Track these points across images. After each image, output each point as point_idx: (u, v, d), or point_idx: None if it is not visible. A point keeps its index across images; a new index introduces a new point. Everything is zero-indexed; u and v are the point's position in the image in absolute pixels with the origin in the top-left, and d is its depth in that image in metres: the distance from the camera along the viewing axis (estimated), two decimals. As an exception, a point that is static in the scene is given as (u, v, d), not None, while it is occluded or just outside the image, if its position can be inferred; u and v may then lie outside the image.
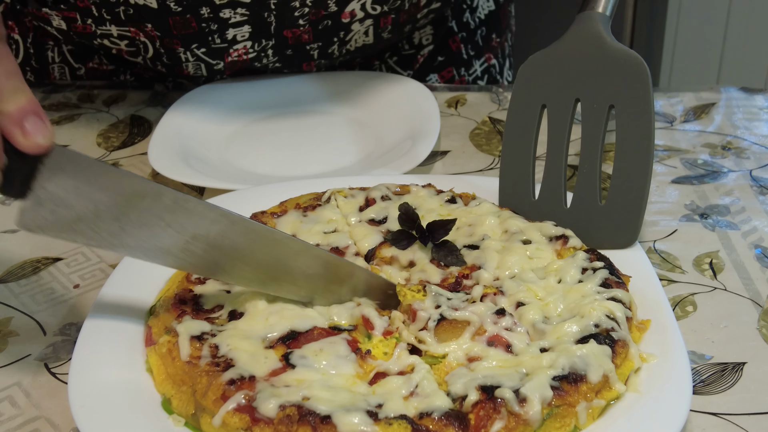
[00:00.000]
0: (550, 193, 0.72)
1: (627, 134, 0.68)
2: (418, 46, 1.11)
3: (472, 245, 0.69)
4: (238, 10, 0.91)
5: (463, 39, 1.14)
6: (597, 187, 0.70)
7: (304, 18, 0.93)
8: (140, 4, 0.90)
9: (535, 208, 0.72)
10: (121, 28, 0.93)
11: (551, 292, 0.63)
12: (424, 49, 1.11)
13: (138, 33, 0.93)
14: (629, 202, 0.69)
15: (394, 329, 0.62)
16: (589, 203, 0.70)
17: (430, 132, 0.91)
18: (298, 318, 0.62)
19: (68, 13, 0.93)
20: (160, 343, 0.61)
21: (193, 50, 0.96)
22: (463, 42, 1.14)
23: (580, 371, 0.55)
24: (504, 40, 1.21)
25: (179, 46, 0.95)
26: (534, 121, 0.72)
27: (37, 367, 0.65)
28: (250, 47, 0.96)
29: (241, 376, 0.57)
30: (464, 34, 1.14)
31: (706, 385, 0.62)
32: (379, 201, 0.76)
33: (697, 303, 0.70)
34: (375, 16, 0.97)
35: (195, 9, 0.91)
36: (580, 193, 0.71)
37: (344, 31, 0.97)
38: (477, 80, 1.18)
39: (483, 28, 1.16)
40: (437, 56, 1.13)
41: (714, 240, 0.78)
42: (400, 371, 0.58)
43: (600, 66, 0.70)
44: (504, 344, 0.59)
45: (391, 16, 0.98)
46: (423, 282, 0.67)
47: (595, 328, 0.58)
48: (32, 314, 0.71)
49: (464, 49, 1.14)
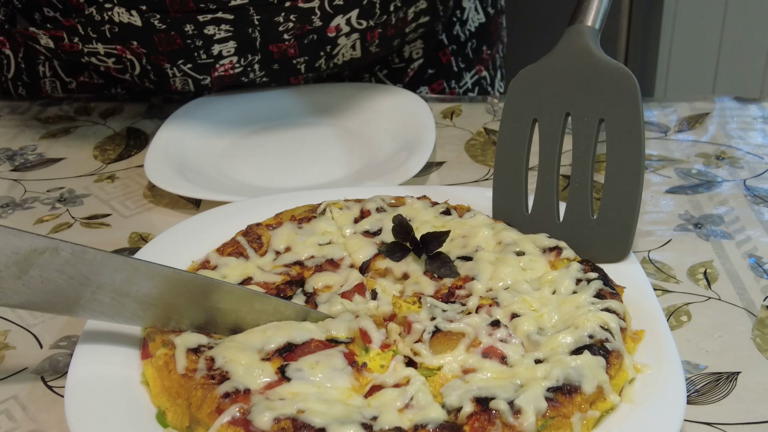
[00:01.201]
0: (542, 207, 0.73)
1: (617, 148, 0.69)
2: (408, 59, 1.12)
3: (465, 257, 0.70)
4: (222, 26, 0.92)
5: (453, 52, 1.15)
6: (589, 200, 0.71)
7: (289, 33, 0.94)
8: (125, 22, 0.90)
9: (528, 222, 0.73)
10: (108, 46, 0.94)
11: (545, 303, 0.64)
12: (414, 62, 1.11)
13: (124, 51, 0.94)
14: (621, 215, 0.69)
15: (391, 342, 0.62)
16: (582, 217, 0.71)
17: (425, 143, 0.92)
18: (296, 330, 0.62)
19: (55, 32, 0.94)
20: (157, 356, 0.62)
21: (179, 66, 0.96)
22: (453, 55, 1.15)
23: (575, 382, 0.55)
24: (495, 52, 1.21)
25: (165, 63, 0.95)
26: (525, 135, 0.73)
27: (33, 381, 0.65)
28: (237, 62, 0.96)
29: (236, 389, 0.57)
30: (454, 46, 1.15)
31: (701, 395, 0.62)
32: (374, 213, 0.76)
33: (692, 313, 0.70)
34: (361, 31, 0.98)
35: (179, 26, 0.91)
36: (573, 206, 0.71)
37: (330, 45, 0.98)
38: (468, 92, 1.19)
39: (473, 41, 1.16)
40: (428, 69, 1.14)
41: (708, 250, 0.78)
42: (395, 384, 0.58)
43: (589, 80, 0.70)
44: (499, 356, 0.59)
45: (378, 30, 0.99)
46: (417, 294, 0.67)
47: (589, 339, 0.59)
48: (29, 327, 0.71)
49: (454, 61, 1.15)
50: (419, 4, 1.01)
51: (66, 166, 0.97)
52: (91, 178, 0.94)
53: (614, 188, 0.69)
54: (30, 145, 1.02)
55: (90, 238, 0.83)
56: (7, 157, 0.99)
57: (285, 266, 0.71)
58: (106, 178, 0.94)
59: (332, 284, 0.68)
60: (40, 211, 0.88)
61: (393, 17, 0.98)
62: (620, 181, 0.69)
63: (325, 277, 0.69)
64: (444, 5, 1.06)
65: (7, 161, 0.99)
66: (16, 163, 0.98)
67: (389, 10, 0.97)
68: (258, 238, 0.74)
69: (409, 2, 1.00)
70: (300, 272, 0.70)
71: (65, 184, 0.93)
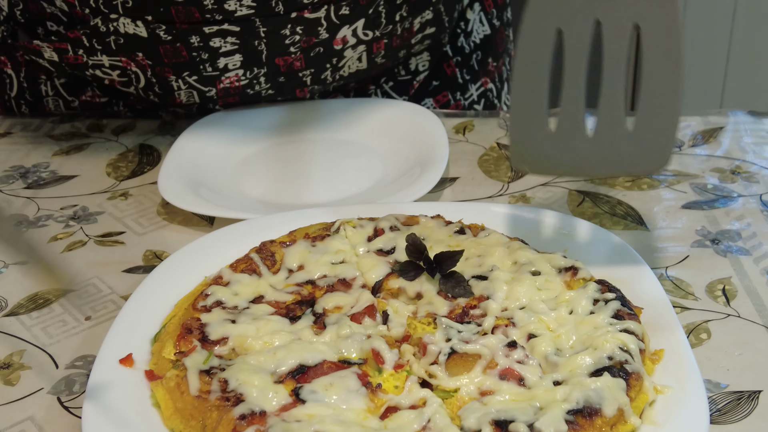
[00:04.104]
0: (569, 123, 0.66)
1: (654, 55, 0.63)
2: (414, 71, 1.11)
3: (480, 276, 0.69)
4: (228, 38, 0.92)
5: (458, 63, 1.14)
6: (622, 111, 0.65)
7: (295, 45, 0.94)
8: (130, 33, 0.90)
9: (551, 140, 0.66)
10: (113, 58, 0.94)
11: (563, 324, 0.63)
12: (420, 75, 1.11)
13: (129, 63, 0.94)
14: (660, 124, 0.64)
15: (404, 362, 0.62)
16: (615, 128, 0.65)
17: (438, 159, 0.91)
18: (307, 351, 0.62)
19: (59, 45, 0.94)
20: (167, 377, 0.61)
21: (184, 78, 0.96)
22: (458, 66, 1.14)
23: (595, 405, 0.54)
24: (501, 65, 1.20)
25: (171, 74, 0.95)
26: (548, 47, 0.66)
27: (50, 401, 0.65)
28: (242, 75, 0.96)
29: (252, 411, 0.56)
30: (459, 58, 1.14)
31: (722, 414, 0.61)
32: (388, 231, 0.76)
33: (711, 330, 0.69)
34: (367, 42, 0.97)
35: (185, 38, 0.91)
36: (604, 118, 0.65)
37: (337, 58, 0.97)
38: (473, 104, 1.18)
39: (478, 53, 1.15)
40: (432, 81, 1.13)
41: (726, 266, 0.77)
42: (411, 405, 0.58)
43: None
44: (516, 377, 0.58)
45: (384, 41, 0.98)
46: (431, 314, 0.66)
47: (608, 361, 0.58)
48: (44, 347, 0.71)
49: (459, 73, 1.14)
50: (425, 15, 1.01)
51: (79, 184, 0.97)
52: (105, 196, 0.95)
53: (652, 95, 0.64)
54: (43, 162, 1.03)
55: (104, 256, 0.83)
56: (20, 175, 1.00)
57: (297, 285, 0.71)
58: (120, 195, 0.95)
59: (343, 305, 0.68)
60: (53, 229, 0.88)
61: (399, 27, 0.98)
62: (658, 88, 0.63)
63: (336, 298, 0.68)
64: (449, 16, 1.06)
65: (20, 179, 0.99)
66: (29, 181, 0.98)
67: (395, 20, 0.96)
68: (271, 255, 0.74)
69: (414, 12, 0.99)
70: (311, 292, 0.70)
71: (78, 202, 0.93)
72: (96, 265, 0.82)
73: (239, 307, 0.68)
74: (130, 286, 0.78)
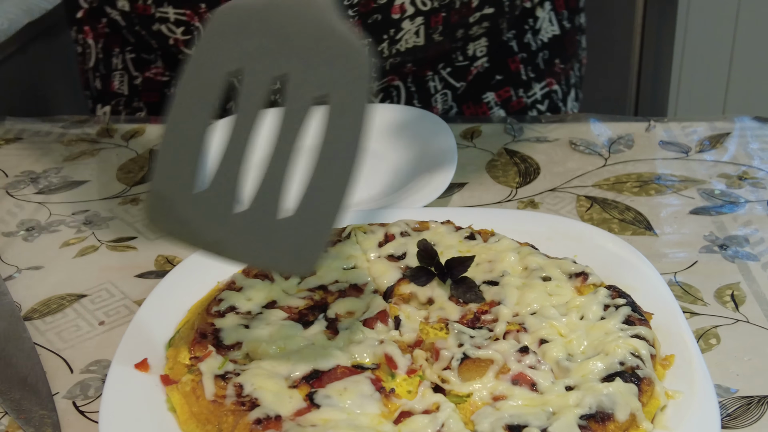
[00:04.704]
0: (219, 187, 0.56)
1: (333, 135, 0.54)
2: (472, 57, 1.10)
3: (491, 281, 0.70)
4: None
5: (523, 60, 1.13)
6: (281, 193, 0.55)
7: (353, 9, 0.93)
8: None
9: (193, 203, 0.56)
10: (178, 11, 0.94)
11: (574, 329, 0.64)
12: (478, 61, 1.10)
13: (193, 16, 0.94)
14: (316, 224, 0.55)
15: (417, 367, 0.62)
16: (269, 211, 0.55)
17: (447, 164, 0.92)
18: (321, 356, 0.62)
19: None
20: (183, 382, 0.62)
21: None
22: (522, 63, 1.13)
23: (608, 410, 0.55)
24: (569, 68, 1.19)
25: None
26: (215, 89, 0.55)
27: (65, 405, 0.65)
28: None
29: (268, 416, 0.57)
30: (524, 55, 1.13)
31: (732, 419, 0.62)
32: (398, 237, 0.76)
33: (721, 336, 0.70)
34: (425, 13, 0.97)
35: None
36: (262, 196, 0.55)
37: (394, 29, 0.97)
38: (536, 104, 1.16)
39: (545, 52, 1.14)
40: (495, 75, 1.12)
41: (734, 271, 0.78)
42: (425, 410, 0.58)
43: (311, 41, 0.54)
44: (529, 382, 0.59)
45: (442, 15, 0.98)
46: (442, 319, 0.67)
47: (620, 366, 0.59)
48: (58, 352, 0.71)
49: (524, 70, 1.13)
50: None
51: (90, 189, 0.98)
52: (116, 201, 0.95)
53: (319, 182, 0.55)
54: (53, 167, 1.03)
55: (117, 261, 0.84)
56: (31, 180, 1.01)
57: (309, 290, 0.71)
58: (131, 200, 0.95)
59: (355, 310, 0.68)
60: (65, 234, 0.89)
61: (457, 1, 0.97)
62: (328, 175, 0.55)
63: (348, 303, 0.69)
64: (510, 0, 1.05)
65: (31, 184, 1.00)
66: (40, 186, 0.99)
67: None
68: (283, 261, 0.75)
69: None
70: (323, 297, 0.70)
71: (90, 207, 0.94)
72: (108, 270, 0.82)
73: (252, 312, 0.68)
74: (143, 291, 0.78)
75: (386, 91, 1.12)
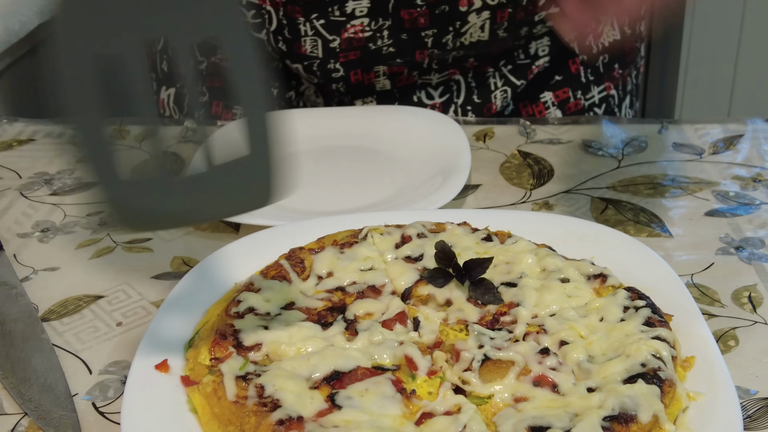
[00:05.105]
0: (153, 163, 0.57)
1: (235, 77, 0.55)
2: (534, 56, 1.11)
3: (509, 283, 0.70)
4: None
5: (583, 62, 1.13)
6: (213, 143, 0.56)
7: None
8: None
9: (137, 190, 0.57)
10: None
11: (594, 331, 0.64)
12: (539, 60, 1.11)
13: (264, 0, 0.94)
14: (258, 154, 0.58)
15: (437, 368, 0.62)
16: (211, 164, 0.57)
17: (461, 166, 0.92)
18: (341, 358, 0.63)
19: None
20: (204, 383, 0.62)
21: (312, 21, 0.98)
22: (583, 65, 1.13)
23: (631, 411, 0.55)
24: (627, 74, 1.19)
25: (300, 16, 0.97)
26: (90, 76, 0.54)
27: (84, 406, 0.65)
28: (367, 25, 0.98)
29: (290, 417, 0.57)
30: (585, 57, 1.13)
31: (753, 421, 0.62)
32: (415, 238, 0.76)
33: (739, 337, 0.70)
34: (492, 8, 0.98)
35: None
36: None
37: (461, 21, 0.99)
38: (594, 107, 1.16)
39: (606, 56, 1.14)
40: (555, 75, 1.13)
41: (751, 273, 0.78)
42: (446, 411, 0.58)
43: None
44: (550, 384, 0.59)
45: (509, 11, 0.99)
46: (461, 321, 0.67)
47: (641, 368, 0.59)
48: (77, 353, 0.71)
49: (583, 72, 1.13)
50: None
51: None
52: (130, 203, 0.95)
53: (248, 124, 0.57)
54: (67, 168, 1.03)
55: (133, 262, 0.84)
56: (45, 181, 1.01)
57: (327, 292, 0.71)
58: (145, 202, 0.95)
59: (373, 311, 0.68)
60: (81, 235, 0.89)
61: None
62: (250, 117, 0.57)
63: (367, 305, 0.69)
64: None
65: (45, 185, 1.00)
66: (54, 187, 0.99)
67: None
68: (301, 262, 0.75)
69: None
70: (342, 298, 0.71)
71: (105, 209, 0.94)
72: (124, 272, 0.82)
73: (271, 314, 0.68)
74: (160, 291, 0.78)
75: (446, 84, 1.12)
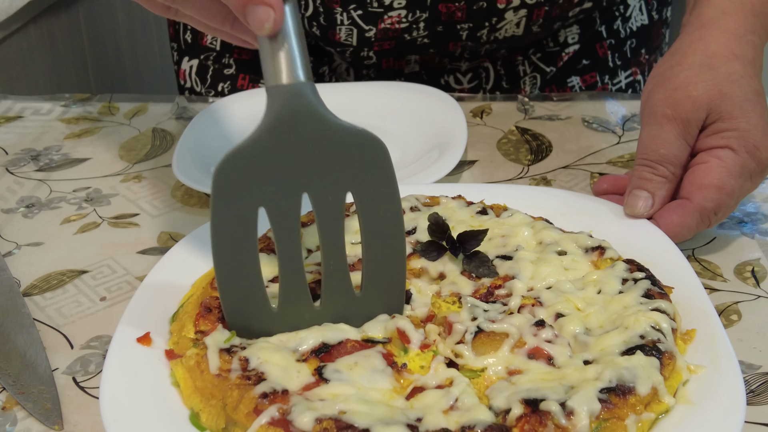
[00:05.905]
0: (292, 298, 0.61)
1: (373, 220, 0.60)
2: (563, 44, 1.10)
3: (505, 256, 0.68)
4: None
5: (611, 46, 1.12)
6: (347, 277, 0.62)
7: None
8: None
9: (277, 320, 0.61)
10: None
11: (591, 303, 0.61)
12: (569, 47, 1.10)
13: None
14: (388, 284, 0.62)
15: (430, 342, 0.60)
16: (343, 295, 0.62)
17: (457, 141, 0.90)
18: (329, 331, 0.60)
19: None
20: (187, 356, 0.60)
21: (349, 11, 0.96)
22: (610, 49, 1.12)
23: (629, 383, 0.53)
24: (653, 60, 1.17)
25: (337, 6, 0.96)
26: (251, 229, 0.58)
27: (65, 381, 0.63)
28: (404, 16, 0.97)
29: (274, 390, 0.55)
30: (613, 41, 1.12)
31: (756, 396, 0.60)
32: (408, 212, 0.74)
33: (742, 312, 0.68)
34: (530, 6, 0.97)
35: None
36: (330, 288, 0.61)
37: (497, 18, 0.98)
38: (620, 92, 1.14)
39: (633, 40, 1.13)
40: (582, 59, 1.12)
41: (754, 247, 0.76)
42: (438, 385, 0.56)
43: (325, 151, 0.58)
44: (545, 357, 0.57)
45: (545, 9, 0.98)
46: (455, 294, 0.65)
47: (640, 340, 0.56)
48: (59, 327, 0.69)
49: (611, 56, 1.12)
50: None
51: (92, 166, 0.96)
52: (118, 178, 0.93)
53: (376, 258, 0.61)
54: (54, 145, 1.01)
55: (119, 237, 0.82)
56: (32, 158, 0.99)
57: (316, 264, 0.69)
58: (133, 177, 0.93)
59: (364, 284, 0.66)
60: (66, 211, 0.87)
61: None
62: (382, 250, 0.61)
63: (357, 277, 0.67)
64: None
65: (31, 161, 0.98)
66: (40, 164, 0.97)
67: None
68: (290, 236, 0.72)
69: None
70: (332, 271, 0.68)
71: (91, 184, 0.92)
72: (110, 247, 0.80)
73: (258, 287, 0.66)
74: (145, 267, 0.76)
75: (475, 71, 1.11)
